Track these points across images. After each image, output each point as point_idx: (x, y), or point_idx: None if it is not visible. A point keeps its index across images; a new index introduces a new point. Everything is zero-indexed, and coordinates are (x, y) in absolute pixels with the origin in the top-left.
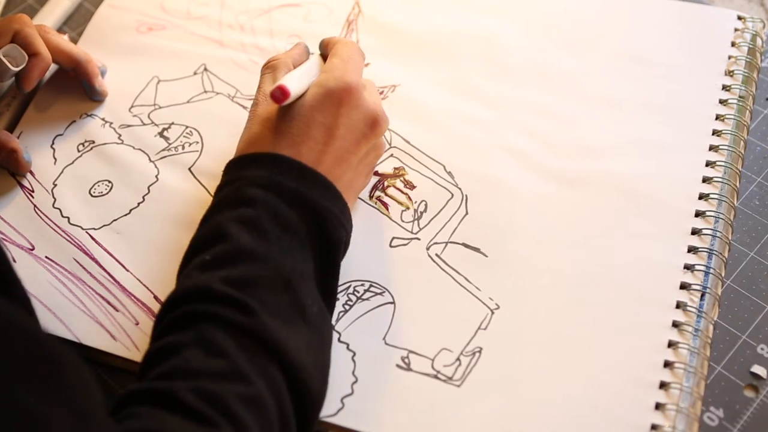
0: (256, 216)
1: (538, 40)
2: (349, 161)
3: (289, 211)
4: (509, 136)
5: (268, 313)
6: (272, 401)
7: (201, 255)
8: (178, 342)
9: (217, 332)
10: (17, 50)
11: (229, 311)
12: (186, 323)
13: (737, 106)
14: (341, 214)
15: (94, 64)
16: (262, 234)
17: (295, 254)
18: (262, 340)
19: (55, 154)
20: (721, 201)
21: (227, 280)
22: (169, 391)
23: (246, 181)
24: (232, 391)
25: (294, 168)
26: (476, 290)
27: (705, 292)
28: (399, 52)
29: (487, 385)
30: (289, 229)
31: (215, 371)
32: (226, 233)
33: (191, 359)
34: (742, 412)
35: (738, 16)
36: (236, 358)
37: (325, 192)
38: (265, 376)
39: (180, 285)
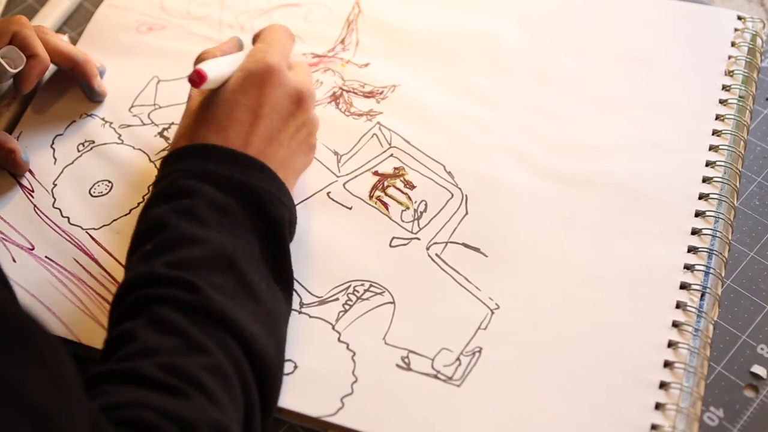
0: (193, 205)
1: (538, 40)
2: (279, 140)
3: (226, 197)
4: (509, 136)
5: (214, 289)
6: (232, 370)
7: (142, 247)
8: (132, 328)
9: (167, 312)
10: (15, 52)
11: (174, 291)
12: (136, 310)
13: (737, 106)
14: (279, 192)
15: (92, 65)
16: (201, 221)
17: (237, 236)
18: (212, 314)
19: (55, 154)
20: (721, 201)
21: (169, 264)
22: (133, 369)
23: (180, 174)
24: (194, 363)
25: (226, 155)
26: (476, 290)
27: (705, 292)
28: (399, 52)
29: (487, 385)
30: (228, 214)
31: (174, 347)
32: (165, 223)
33: (148, 339)
34: (742, 412)
35: (738, 16)
36: (191, 332)
37: (259, 173)
38: (222, 347)
39: (125, 277)
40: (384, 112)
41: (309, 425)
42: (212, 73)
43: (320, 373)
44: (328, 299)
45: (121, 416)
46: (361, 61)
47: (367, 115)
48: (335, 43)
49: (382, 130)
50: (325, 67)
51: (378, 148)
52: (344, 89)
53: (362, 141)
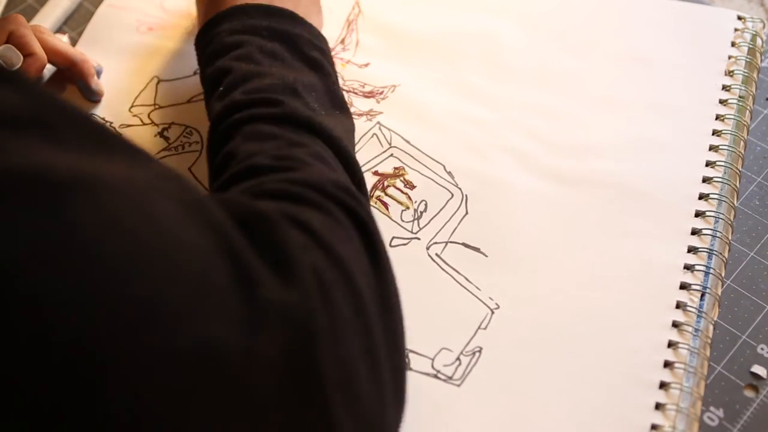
0: (247, 52)
1: (538, 40)
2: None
3: (271, 43)
4: (509, 136)
5: (293, 103)
6: (331, 160)
7: (214, 93)
8: (231, 147)
9: (259, 126)
10: (12, 51)
11: (259, 109)
12: (228, 134)
13: (737, 106)
14: (311, 36)
15: (89, 64)
16: (257, 62)
17: (290, 73)
18: (299, 121)
19: None
20: (721, 201)
21: (246, 92)
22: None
23: (224, 34)
24: (298, 151)
25: (260, 10)
26: (476, 290)
27: (705, 292)
28: (399, 52)
29: (487, 385)
30: (277, 57)
31: (276, 146)
32: (228, 69)
33: (250, 149)
34: (742, 412)
35: (738, 16)
36: (286, 135)
37: (293, 22)
38: (317, 144)
39: (209, 118)
40: (384, 112)
41: None
42: None
43: None
44: None
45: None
46: (361, 61)
47: (367, 115)
48: (335, 43)
49: (382, 130)
50: None
51: (378, 148)
52: (344, 89)
53: (362, 141)
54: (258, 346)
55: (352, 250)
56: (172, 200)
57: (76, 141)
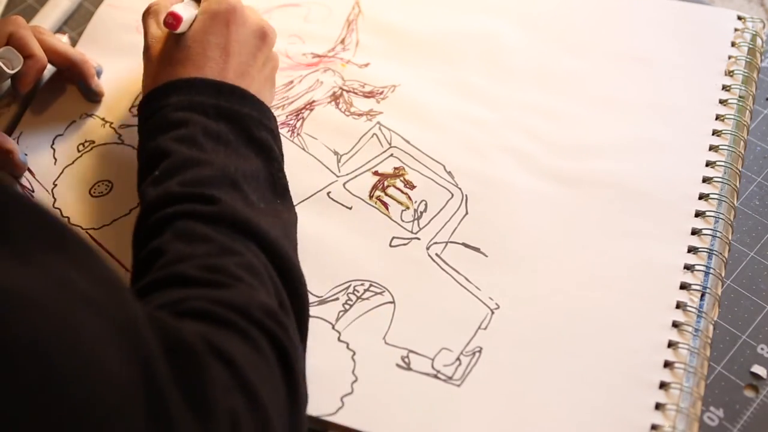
0: (189, 133)
1: (538, 40)
2: (251, 74)
3: (217, 124)
4: (509, 136)
5: (231, 201)
6: (263, 269)
7: (150, 175)
8: (160, 244)
9: (191, 224)
10: (12, 52)
11: (194, 205)
12: (159, 229)
13: (737, 106)
14: (261, 115)
15: (89, 65)
16: (200, 147)
17: (234, 159)
18: (234, 222)
19: (55, 155)
20: (721, 201)
21: (183, 183)
22: (174, 273)
23: (170, 108)
24: (228, 261)
25: (209, 86)
26: (476, 290)
27: (705, 292)
28: (399, 52)
29: (487, 385)
30: (220, 140)
31: (206, 251)
32: (168, 151)
33: (180, 250)
34: (742, 412)
35: (738, 16)
36: (218, 239)
37: (242, 100)
38: (250, 251)
39: (141, 205)
40: (384, 112)
41: (309, 425)
42: (185, 16)
43: (320, 372)
44: (328, 299)
45: (175, 311)
46: (361, 61)
47: (367, 115)
48: (335, 43)
49: (382, 130)
50: (325, 67)
51: (378, 148)
52: (344, 89)
53: (362, 141)
54: None
55: (271, 389)
56: (104, 319)
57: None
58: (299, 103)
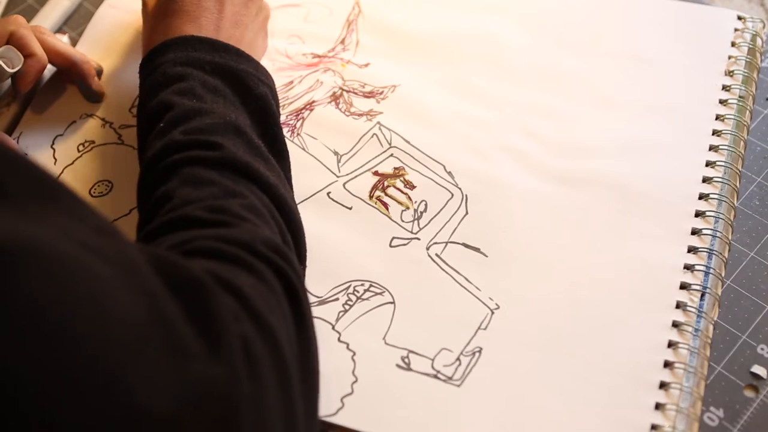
0: (189, 86)
1: (538, 40)
2: (244, 23)
3: (213, 79)
4: (509, 136)
5: (233, 147)
6: (266, 211)
7: (154, 128)
8: (167, 190)
9: (197, 170)
10: (13, 52)
11: (199, 151)
12: (167, 175)
13: (737, 106)
14: (257, 71)
15: (89, 65)
16: (200, 98)
17: (230, 110)
18: (237, 167)
19: (55, 155)
20: (721, 201)
21: (186, 132)
22: (180, 216)
23: (168, 64)
24: (233, 203)
25: (205, 43)
26: (476, 290)
27: (705, 292)
28: (399, 52)
29: (487, 385)
30: (218, 93)
31: (211, 194)
32: (170, 103)
33: (187, 195)
34: (742, 412)
35: (738, 16)
36: (223, 182)
37: (237, 57)
38: (253, 193)
39: (146, 155)
40: (384, 112)
41: None
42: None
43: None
44: (328, 299)
45: (183, 251)
46: (361, 61)
47: (367, 115)
48: (335, 43)
49: (382, 130)
50: (325, 67)
51: (378, 148)
52: (344, 89)
53: (362, 141)
54: (184, 416)
55: (279, 316)
56: (107, 263)
57: (21, 195)
58: (299, 104)
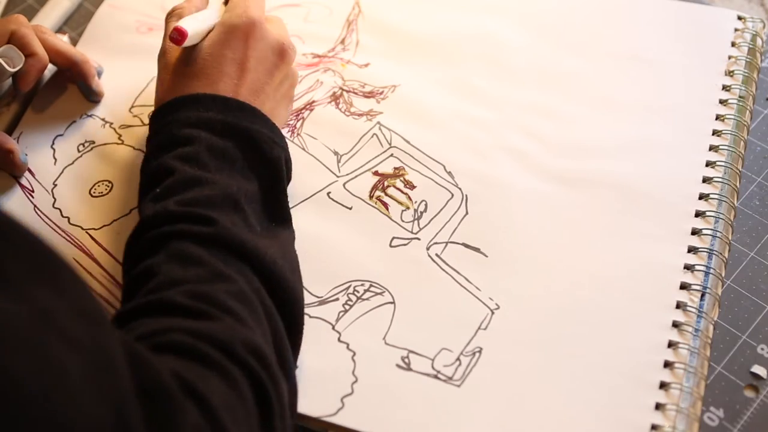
0: (194, 151)
1: (538, 40)
2: (266, 92)
3: (224, 141)
4: (509, 136)
5: (228, 223)
6: (254, 296)
7: (150, 192)
8: (153, 264)
9: (186, 245)
10: (14, 51)
11: (191, 226)
12: (154, 247)
13: (737, 106)
14: (272, 134)
15: (90, 65)
16: (203, 166)
17: (238, 179)
18: (229, 245)
19: (55, 155)
20: (721, 201)
21: (182, 203)
22: (161, 299)
23: (176, 125)
24: (218, 289)
25: (218, 102)
26: (476, 290)
27: (705, 292)
28: (399, 52)
29: (487, 385)
30: (227, 158)
31: (197, 276)
32: (171, 169)
33: (171, 272)
34: (742, 412)
35: (738, 16)
36: (211, 263)
37: (252, 117)
38: (243, 275)
39: (139, 220)
40: (384, 112)
41: (309, 425)
42: (192, 30)
43: (320, 373)
44: (328, 299)
45: (155, 343)
46: (361, 61)
47: (367, 115)
48: (335, 43)
49: (382, 130)
50: (325, 67)
51: (378, 148)
52: (344, 89)
53: (362, 141)
54: None
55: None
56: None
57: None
58: (299, 104)
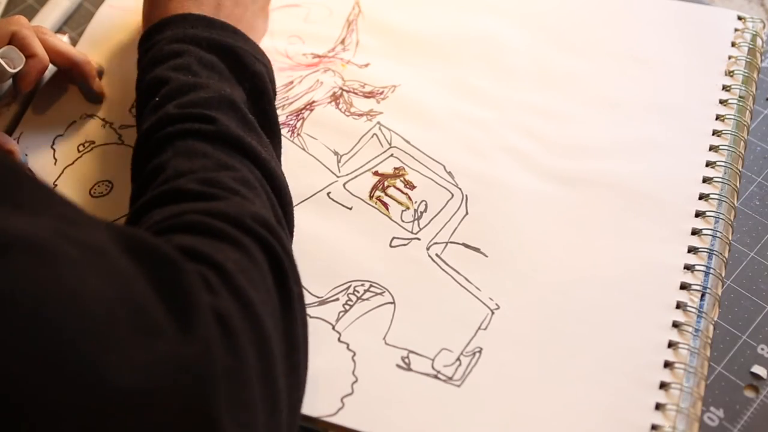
0: (185, 62)
1: (538, 40)
2: (244, 3)
3: (210, 55)
4: (509, 136)
5: (226, 121)
6: (257, 182)
7: (149, 102)
8: (161, 161)
9: (190, 142)
10: (14, 52)
11: (193, 124)
12: (160, 147)
13: (737, 106)
14: (254, 50)
15: (91, 66)
16: (195, 74)
17: (226, 86)
18: (230, 140)
19: (55, 155)
20: (721, 201)
21: (181, 105)
22: (171, 188)
23: (165, 41)
24: (224, 176)
25: (203, 21)
26: (476, 290)
27: (705, 292)
28: (399, 52)
29: (487, 385)
30: (215, 69)
31: (203, 167)
32: (165, 78)
33: (179, 166)
34: (742, 413)
35: (738, 16)
36: (215, 155)
37: (234, 35)
38: (244, 165)
39: (141, 128)
40: (384, 112)
41: (309, 425)
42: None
43: (320, 373)
44: (328, 299)
45: (170, 225)
46: (361, 62)
47: (367, 115)
48: (335, 43)
49: (382, 130)
50: (325, 68)
51: (378, 148)
52: (344, 89)
53: (362, 141)
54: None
55: (263, 291)
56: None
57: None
58: (299, 104)
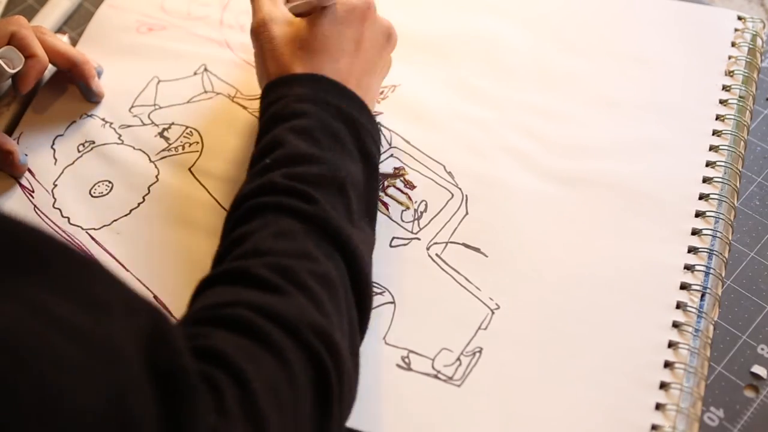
0: (309, 126)
1: (538, 40)
2: (375, 72)
3: (337, 123)
4: (509, 136)
5: (330, 205)
6: (339, 282)
7: (260, 162)
8: (247, 231)
9: (283, 218)
10: (14, 52)
11: (292, 200)
12: (252, 215)
13: (737, 106)
14: (373, 129)
15: (90, 65)
16: (315, 142)
17: (347, 162)
18: (326, 227)
19: (55, 155)
20: (721, 201)
21: (288, 176)
22: (240, 268)
23: (292, 98)
24: (302, 267)
25: (334, 86)
26: (476, 290)
27: (705, 292)
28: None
29: (487, 385)
30: (338, 140)
31: (285, 250)
32: (283, 141)
33: (261, 242)
34: (742, 412)
35: (738, 16)
36: (304, 240)
37: (361, 110)
38: (332, 260)
39: (243, 187)
40: (384, 112)
41: None
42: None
43: None
44: None
45: (217, 315)
46: None
47: None
48: None
49: (382, 130)
50: None
51: None
52: None
53: None
54: None
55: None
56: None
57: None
58: None
